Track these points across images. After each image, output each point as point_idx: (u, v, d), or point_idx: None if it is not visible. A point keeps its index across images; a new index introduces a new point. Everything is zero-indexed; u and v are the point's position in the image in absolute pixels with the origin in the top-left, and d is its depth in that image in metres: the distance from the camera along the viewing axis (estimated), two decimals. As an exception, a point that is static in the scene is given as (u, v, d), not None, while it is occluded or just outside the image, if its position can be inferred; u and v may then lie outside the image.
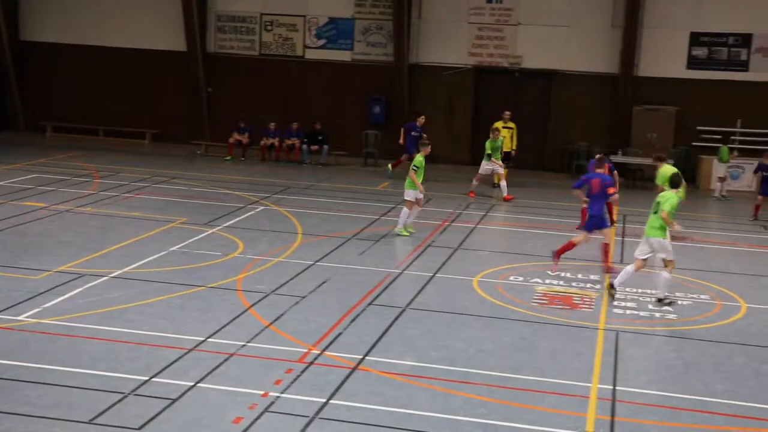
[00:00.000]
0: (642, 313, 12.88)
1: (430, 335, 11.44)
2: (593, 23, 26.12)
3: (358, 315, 12.09)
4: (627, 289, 13.96)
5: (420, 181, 17.10)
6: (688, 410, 9.41)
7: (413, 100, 27.43)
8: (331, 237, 16.70)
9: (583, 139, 25.81)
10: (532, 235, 18.02)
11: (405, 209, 17.16)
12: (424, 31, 27.23)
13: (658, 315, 12.83)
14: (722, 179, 23.88)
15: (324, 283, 13.59)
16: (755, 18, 25.27)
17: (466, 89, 27.38)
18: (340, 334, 11.27)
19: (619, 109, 25.74)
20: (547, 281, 14.38)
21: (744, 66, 25.46)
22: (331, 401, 9.12)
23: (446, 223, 18.56)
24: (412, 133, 23.78)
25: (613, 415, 9.16)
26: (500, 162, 22.12)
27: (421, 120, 24.22)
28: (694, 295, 13.91)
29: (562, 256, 14.93)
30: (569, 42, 26.28)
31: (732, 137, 24.90)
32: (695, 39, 25.73)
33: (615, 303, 13.29)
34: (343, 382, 9.63)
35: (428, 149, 17.63)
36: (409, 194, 17.10)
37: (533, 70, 26.83)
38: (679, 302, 13.42)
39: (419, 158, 17.31)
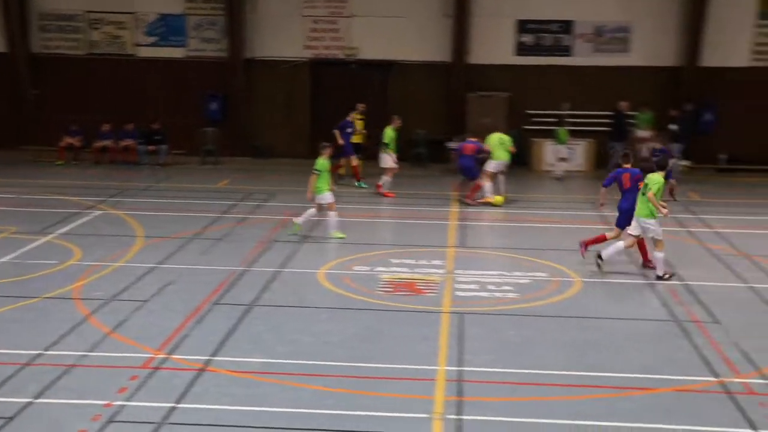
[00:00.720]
0: (484, 294, 13.25)
1: (278, 331, 11.40)
2: (426, 13, 26.61)
3: (203, 316, 11.90)
4: (468, 272, 14.34)
5: (326, 186, 16.50)
6: (529, 384, 9.76)
7: (251, 96, 27.19)
8: (173, 238, 16.36)
9: (421, 127, 26.27)
10: (378, 224, 18.23)
11: (331, 213, 16.53)
12: (258, 26, 27.01)
13: (498, 295, 13.24)
14: (563, 160, 24.89)
15: (167, 285, 13.30)
16: (576, 6, 26.39)
17: (304, 83, 27.37)
18: (185, 336, 11.06)
19: (453, 97, 26.34)
20: (392, 269, 14.58)
21: (568, 51, 26.56)
22: (179, 405, 8.95)
23: (290, 217, 18.49)
24: (347, 131, 22.86)
25: (460, 395, 9.40)
26: (393, 155, 21.76)
27: (354, 115, 23.47)
28: (532, 274, 14.42)
29: (590, 247, 14.84)
30: (404, 32, 26.68)
31: (560, 120, 25.88)
32: (522, 26, 26.64)
33: (457, 286, 13.63)
34: (190, 385, 9.47)
35: (330, 150, 17.05)
36: (327, 197, 16.54)
37: (370, 61, 27.10)
38: (521, 281, 13.92)
39: (322, 161, 16.57)
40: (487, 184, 20.15)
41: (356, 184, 22.38)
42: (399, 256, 15.37)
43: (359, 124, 23.40)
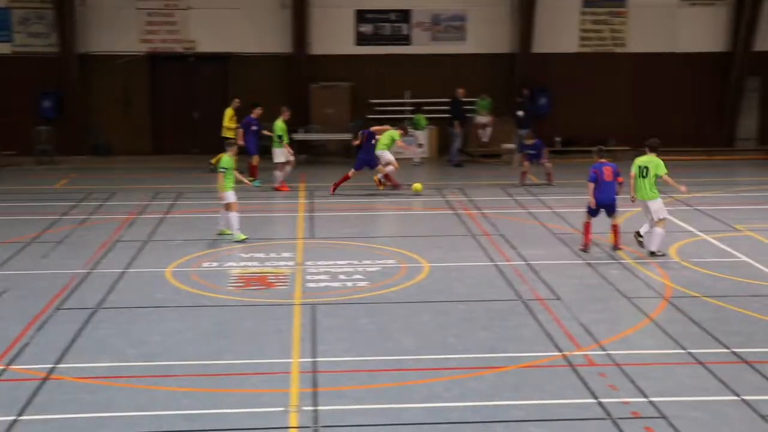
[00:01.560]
0: (335, 284, 13.30)
1: (126, 333, 11.08)
2: (263, 5, 26.36)
3: (45, 322, 11.43)
4: (319, 263, 14.37)
5: (232, 184, 15.87)
6: (384, 370, 9.88)
7: (88, 92, 26.20)
8: (8, 243, 15.61)
9: (264, 120, 26.03)
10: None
11: (232, 213, 15.81)
12: (90, 19, 26.03)
13: (350, 284, 13.32)
14: (420, 146, 25.35)
15: (3, 293, 12.69)
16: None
17: (142, 78, 26.60)
18: (26, 344, 10.60)
19: (296, 88, 26.23)
20: (242, 264, 14.44)
21: (407, 40, 26.94)
22: (22, 417, 8.57)
23: (133, 216, 18.00)
24: (252, 128, 22.04)
25: (315, 386, 9.41)
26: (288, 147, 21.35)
27: (258, 111, 22.43)
28: (382, 261, 14.59)
29: (620, 243, 15.10)
30: (242, 24, 26.35)
31: (417, 106, 26.22)
32: (361, 16, 26.81)
33: (308, 277, 13.62)
34: (33, 395, 9.07)
35: (235, 148, 16.31)
36: (229, 196, 15.84)
37: (209, 54, 26.63)
38: (369, 269, 14.05)
39: (226, 159, 15.93)
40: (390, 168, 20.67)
41: (252, 183, 21.71)
42: (249, 250, 15.24)
43: (226, 118, 22.86)
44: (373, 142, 20.67)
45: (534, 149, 21.64)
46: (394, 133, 20.84)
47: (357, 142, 21.18)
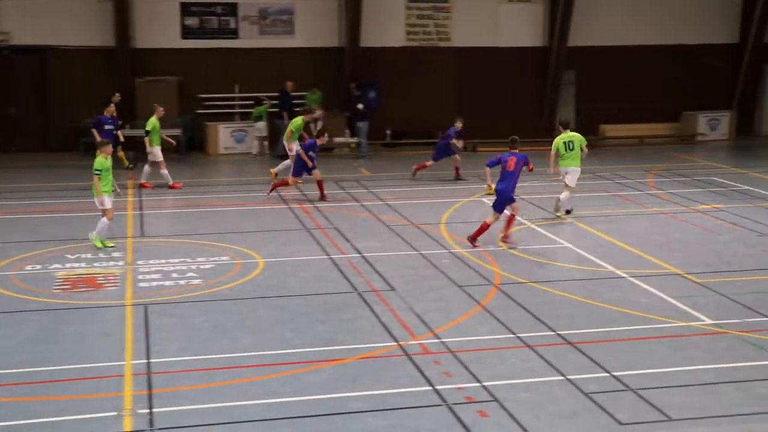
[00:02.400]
0: (168, 283, 12.99)
1: (-59, 343, 10.42)
2: (80, -4, 25.40)
3: None
4: (150, 261, 14.00)
5: (109, 186, 14.91)
6: (220, 369, 9.74)
7: None
8: None
9: (89, 115, 25.07)
10: (49, 219, 17.21)
11: (104, 219, 14.83)
12: None
13: (183, 282, 13.04)
14: (263, 138, 25.23)
15: None
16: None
17: (-49, 71, 25.07)
18: None
19: (121, 83, 25.34)
20: (68, 265, 13.86)
21: (234, 34, 26.59)
22: None
23: None
24: (105, 127, 20.75)
25: (150, 388, 9.16)
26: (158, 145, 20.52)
27: (111, 109, 21.20)
28: (215, 258, 14.37)
29: (479, 238, 15.03)
30: (60, 16, 25.22)
31: (258, 100, 25.89)
32: (186, 9, 26.23)
33: (139, 277, 13.24)
34: None
35: (110, 148, 15.25)
36: (106, 201, 14.89)
37: (24, 47, 25.35)
38: (203, 267, 13.81)
39: (101, 160, 14.83)
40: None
41: None
42: (76, 251, 14.65)
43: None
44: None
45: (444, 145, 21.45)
46: (297, 119, 20.68)
47: None
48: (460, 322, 11.33)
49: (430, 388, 9.23)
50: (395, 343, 10.52)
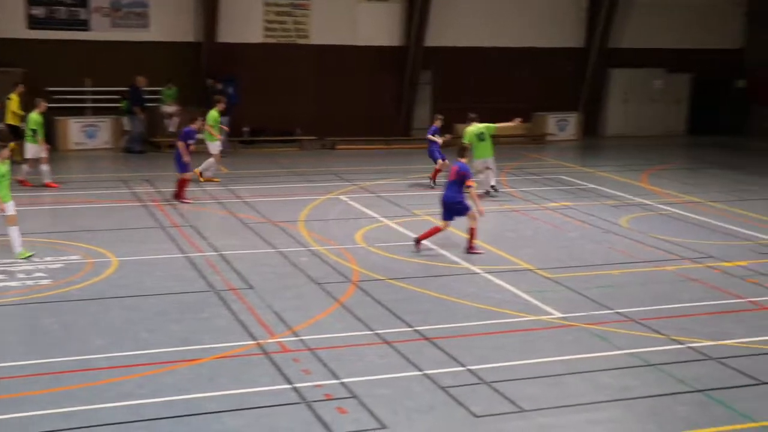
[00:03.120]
0: (14, 284, 12.47)
1: None
2: None
3: None
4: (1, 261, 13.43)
5: (7, 192, 13.62)
6: (71, 372, 9.43)
7: None
8: None
9: None
10: None
11: (12, 228, 13.66)
12: None
13: (30, 283, 12.54)
14: (127, 132, 24.76)
15: None
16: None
17: None
18: None
19: (-38, 74, 24.16)
20: None
21: (85, 25, 25.73)
22: None
23: None
24: None
25: (-6, 394, 8.79)
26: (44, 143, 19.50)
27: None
28: (65, 258, 13.88)
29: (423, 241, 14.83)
30: None
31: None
32: (32, -2, 25.25)
33: (-17, 278, 12.67)
34: None
35: (7, 152, 13.93)
36: (9, 207, 13.62)
37: None
38: (52, 266, 13.31)
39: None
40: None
41: None
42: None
43: (15, 106, 21.03)
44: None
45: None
46: (213, 112, 20.85)
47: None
48: (318, 320, 11.36)
49: (289, 386, 9.22)
50: (253, 342, 10.45)
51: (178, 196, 18.36)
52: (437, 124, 21.06)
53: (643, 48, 30.67)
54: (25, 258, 13.64)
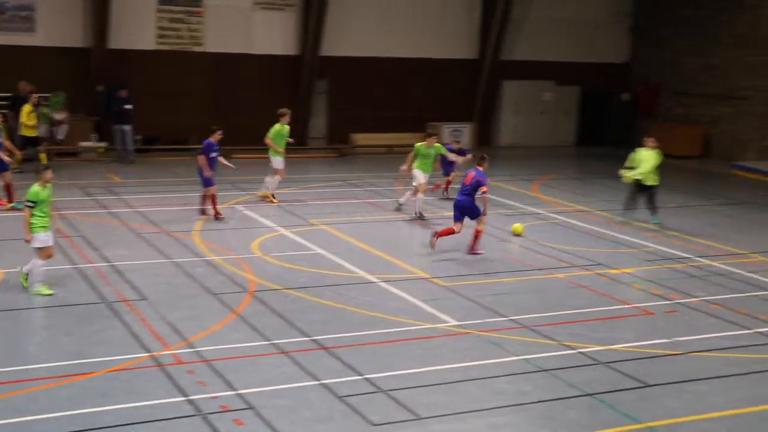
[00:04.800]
0: None
1: None
2: None
3: None
4: None
5: (45, 222, 12.42)
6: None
7: None
8: None
9: None
10: None
11: (39, 261, 12.45)
12: None
13: None
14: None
15: None
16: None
17: None
18: None
19: None
20: None
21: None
22: None
23: None
24: None
25: None
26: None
27: None
28: (-53, 270, 13.35)
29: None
30: None
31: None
32: None
33: None
34: None
35: (50, 173, 12.60)
36: (40, 238, 12.46)
37: None
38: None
39: (36, 190, 12.33)
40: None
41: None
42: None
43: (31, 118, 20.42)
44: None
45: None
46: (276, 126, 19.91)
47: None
48: (214, 331, 11.23)
49: (184, 398, 9.09)
50: (147, 354, 10.26)
51: (203, 212, 17.96)
52: (454, 145, 21.51)
53: (534, 61, 31.46)
54: (47, 294, 12.34)
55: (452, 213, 15.94)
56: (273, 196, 19.76)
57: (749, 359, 10.93)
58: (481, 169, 15.80)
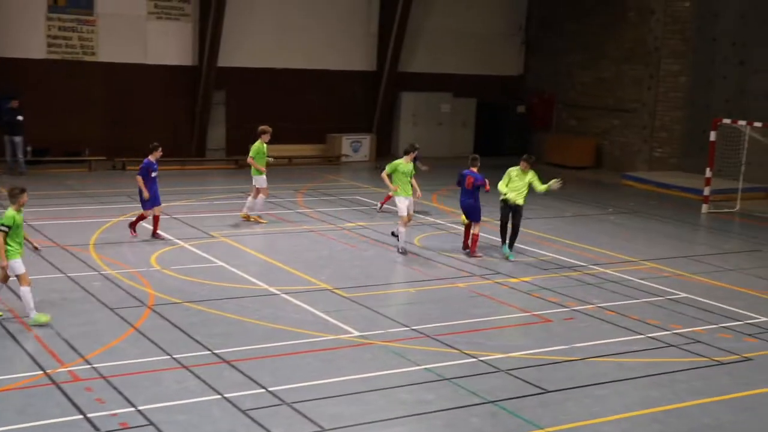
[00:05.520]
0: None
1: None
2: None
3: None
4: None
5: (20, 248, 11.72)
6: None
7: None
8: None
9: None
10: None
11: (25, 288, 11.67)
12: None
13: None
14: None
15: None
16: None
17: None
18: None
19: None
20: None
21: None
22: None
23: None
24: None
25: None
26: None
27: None
28: None
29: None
30: None
31: None
32: None
33: None
34: None
35: (25, 197, 12.01)
36: (17, 266, 11.69)
37: None
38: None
39: (11, 213, 11.70)
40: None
41: None
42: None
43: None
44: None
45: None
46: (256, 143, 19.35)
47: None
48: (112, 346, 10.96)
49: (82, 416, 8.84)
50: (41, 372, 9.94)
51: (141, 230, 17.04)
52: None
53: (431, 73, 31.86)
54: (41, 324, 11.60)
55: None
56: (260, 217, 19.03)
57: (642, 363, 11.27)
58: (475, 170, 16.54)
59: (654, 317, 13.26)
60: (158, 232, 16.91)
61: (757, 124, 22.98)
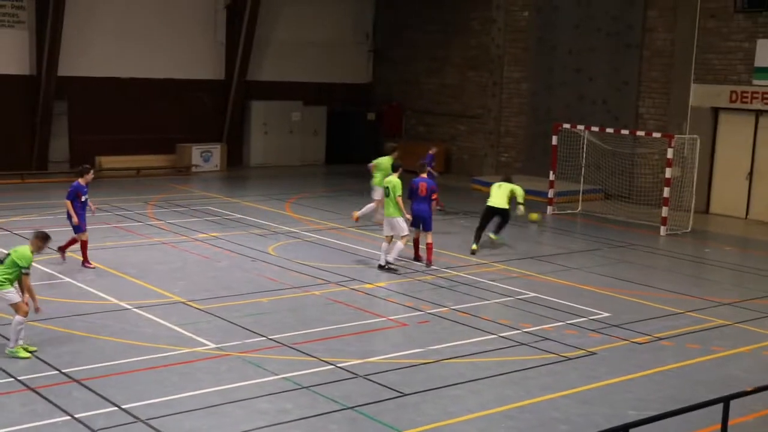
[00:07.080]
0: None
1: None
2: None
3: None
4: None
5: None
6: None
7: None
8: None
9: None
10: None
11: (19, 318, 11.03)
12: None
13: None
14: None
15: None
16: None
17: None
18: None
19: None
20: None
21: None
22: None
23: None
24: None
25: None
26: None
27: None
28: None
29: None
30: None
31: None
32: None
33: None
34: None
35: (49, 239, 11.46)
36: (13, 295, 11.11)
37: None
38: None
39: (28, 253, 11.15)
40: None
41: None
42: None
43: None
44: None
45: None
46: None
47: None
48: (-48, 371, 10.38)
49: None
50: None
51: (62, 252, 16.09)
52: (433, 151, 23.55)
53: (281, 81, 31.76)
54: (22, 357, 10.95)
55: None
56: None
57: (495, 362, 11.59)
58: (424, 176, 16.89)
59: (505, 317, 13.66)
60: (88, 261, 15.86)
61: (594, 129, 24.05)
